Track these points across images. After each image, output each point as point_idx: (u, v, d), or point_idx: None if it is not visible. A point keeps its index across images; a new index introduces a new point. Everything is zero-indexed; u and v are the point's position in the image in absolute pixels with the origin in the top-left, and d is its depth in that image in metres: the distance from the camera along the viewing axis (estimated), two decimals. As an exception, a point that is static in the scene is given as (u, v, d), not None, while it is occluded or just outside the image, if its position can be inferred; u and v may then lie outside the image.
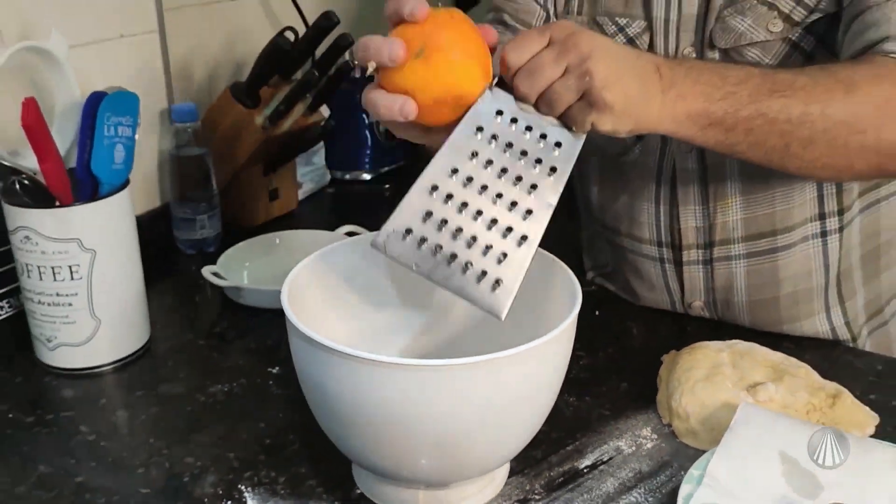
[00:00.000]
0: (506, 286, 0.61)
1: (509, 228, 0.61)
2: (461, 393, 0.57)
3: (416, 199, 0.62)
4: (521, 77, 0.61)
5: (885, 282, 0.94)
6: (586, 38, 0.60)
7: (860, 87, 0.67)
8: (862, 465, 0.66)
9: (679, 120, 0.65)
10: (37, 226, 0.77)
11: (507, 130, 0.62)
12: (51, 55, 0.83)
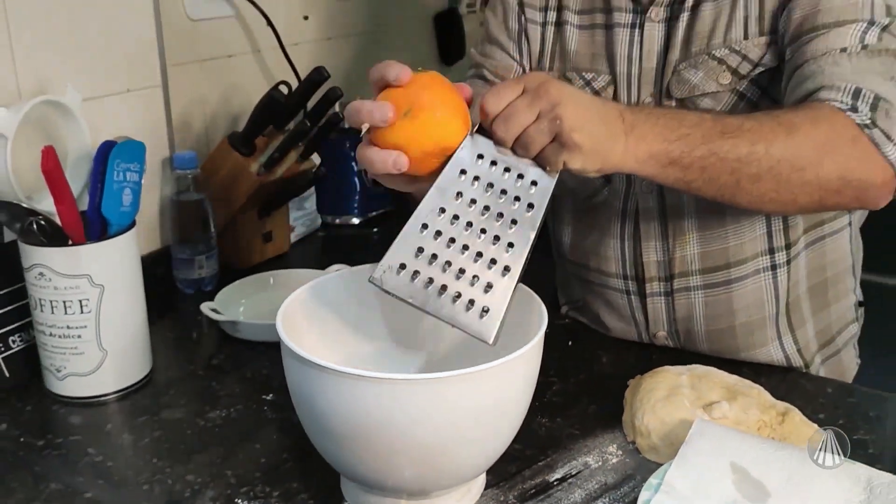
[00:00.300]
0: (493, 314, 0.67)
1: (493, 260, 0.68)
2: (438, 405, 0.64)
3: (409, 237, 0.69)
4: (498, 123, 0.68)
5: (835, 314, 1.02)
6: (556, 87, 0.68)
7: (800, 129, 0.76)
8: (806, 474, 0.73)
9: (641, 159, 0.73)
10: (50, 263, 0.84)
11: (487, 172, 0.70)
12: (66, 108, 0.91)
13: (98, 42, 1.04)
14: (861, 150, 0.75)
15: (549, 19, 1.01)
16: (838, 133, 0.75)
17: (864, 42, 0.80)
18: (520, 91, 0.68)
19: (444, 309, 0.68)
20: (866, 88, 0.77)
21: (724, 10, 0.89)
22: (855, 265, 1.04)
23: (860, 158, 0.75)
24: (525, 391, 0.70)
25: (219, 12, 1.34)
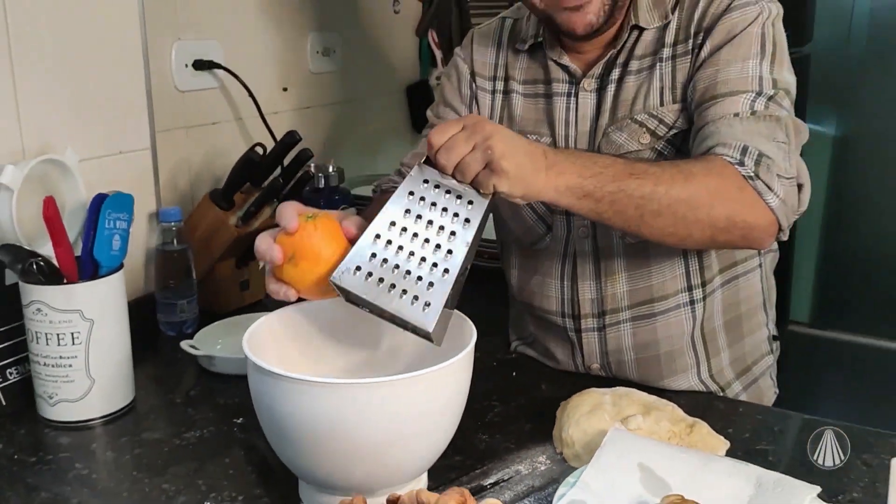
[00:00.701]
0: (433, 307, 0.79)
1: (434, 264, 0.81)
2: (377, 407, 0.74)
3: (364, 245, 0.81)
4: (441, 153, 0.81)
5: (749, 345, 1.14)
6: (489, 125, 0.81)
7: (696, 176, 0.89)
8: (704, 473, 0.83)
9: (560, 190, 0.85)
10: (47, 299, 0.96)
11: (431, 194, 0.82)
12: (65, 166, 1.04)
13: (94, 109, 1.18)
14: (746, 197, 0.88)
15: (498, 88, 1.15)
16: (727, 182, 0.88)
17: (752, 109, 0.94)
18: (459, 128, 0.81)
19: (392, 303, 0.80)
20: (752, 147, 0.90)
21: (644, 82, 1.04)
22: (766, 303, 1.16)
23: (745, 204, 0.88)
24: (455, 398, 0.81)
25: (204, 84, 1.49)
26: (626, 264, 1.07)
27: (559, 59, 1.07)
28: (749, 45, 0.96)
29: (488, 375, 1.14)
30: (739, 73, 0.95)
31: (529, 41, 1.11)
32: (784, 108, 0.94)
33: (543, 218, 1.10)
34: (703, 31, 0.99)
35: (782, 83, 0.95)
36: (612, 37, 1.05)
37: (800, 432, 1.02)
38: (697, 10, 1.00)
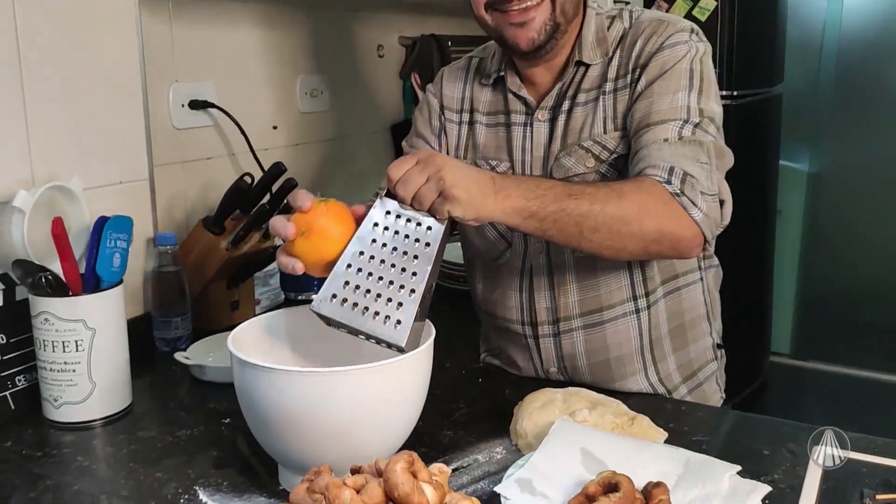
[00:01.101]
0: (403, 324, 0.90)
1: (402, 286, 0.91)
2: (348, 394, 0.85)
3: (338, 274, 0.92)
4: (399, 186, 0.92)
5: (694, 352, 1.24)
6: (440, 158, 0.93)
7: (627, 195, 1.00)
8: (639, 455, 0.93)
9: (507, 212, 0.96)
10: (54, 310, 1.07)
11: (394, 223, 0.94)
12: (71, 192, 1.16)
13: (98, 143, 1.30)
14: (673, 212, 1.00)
15: (464, 119, 1.28)
16: (656, 198, 1.00)
17: (680, 135, 1.06)
18: (413, 163, 0.93)
19: (367, 324, 0.91)
20: (678, 167, 1.02)
21: (589, 112, 1.16)
22: (710, 314, 1.27)
23: (672, 218, 1.00)
24: (415, 389, 0.92)
25: (200, 122, 1.62)
26: (577, 276, 1.18)
27: (518, 91, 1.20)
28: (679, 79, 1.08)
29: (457, 382, 1.25)
30: (670, 103, 1.07)
31: (493, 75, 1.23)
32: (709, 134, 1.06)
33: (504, 236, 1.21)
34: (639, 67, 1.12)
35: (708, 112, 1.08)
36: (560, 69, 1.17)
37: (733, 426, 1.12)
38: (635, 49, 1.13)
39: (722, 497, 0.87)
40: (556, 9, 1.11)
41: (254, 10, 1.72)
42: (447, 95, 1.29)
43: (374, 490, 0.70)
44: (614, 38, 1.17)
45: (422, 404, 0.94)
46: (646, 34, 1.14)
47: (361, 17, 2.07)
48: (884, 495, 0.91)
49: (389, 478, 0.70)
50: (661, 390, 1.21)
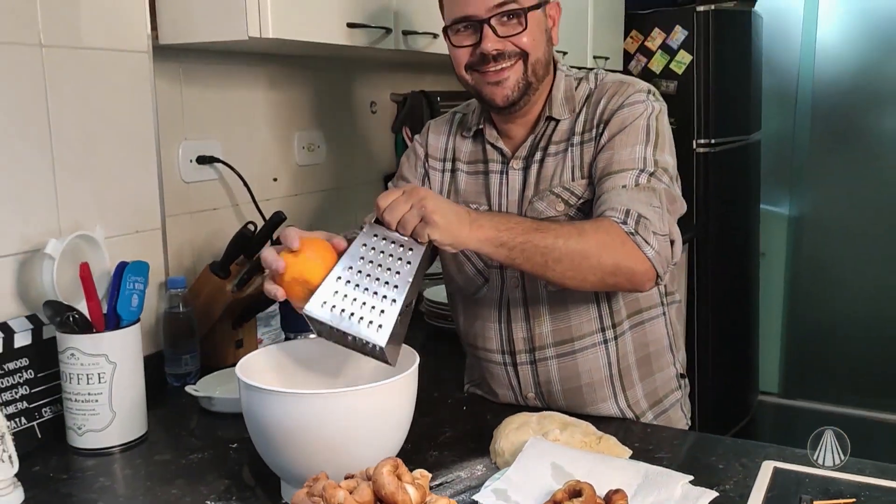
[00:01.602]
0: (384, 328, 1.02)
1: (384, 296, 1.04)
2: (342, 413, 0.97)
3: (329, 284, 1.05)
4: (386, 213, 1.05)
5: (659, 381, 1.36)
6: (423, 190, 1.06)
7: (587, 232, 1.13)
8: (602, 468, 1.05)
9: (480, 240, 1.09)
10: (79, 345, 1.19)
11: (380, 244, 1.07)
12: (94, 240, 1.29)
13: (116, 196, 1.43)
14: (628, 249, 1.13)
15: (447, 167, 1.42)
16: (613, 237, 1.13)
17: (636, 182, 1.19)
18: (399, 193, 1.06)
19: (352, 327, 1.03)
20: (634, 210, 1.15)
21: (559, 162, 1.30)
22: (673, 346, 1.39)
23: (627, 254, 1.13)
24: (401, 408, 1.03)
25: (206, 176, 1.75)
26: (550, 309, 1.31)
27: (495, 143, 1.34)
28: (637, 133, 1.22)
29: (443, 409, 1.37)
30: (629, 155, 1.21)
31: (474, 128, 1.37)
32: (662, 182, 1.20)
33: (481, 272, 1.34)
34: (603, 122, 1.26)
35: (662, 163, 1.21)
36: (533, 123, 1.31)
37: (693, 445, 1.23)
38: (599, 107, 1.27)
39: (674, 501, 0.99)
40: (528, 70, 1.25)
41: (256, 71, 1.87)
42: (432, 145, 1.43)
43: (365, 490, 0.82)
44: (581, 96, 1.31)
45: (409, 422, 1.06)
46: (609, 94, 1.28)
47: (355, 76, 2.23)
48: (820, 501, 1.02)
49: (377, 479, 0.82)
50: (629, 415, 1.32)
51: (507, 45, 1.24)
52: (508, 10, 1.23)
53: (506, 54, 1.24)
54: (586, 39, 2.86)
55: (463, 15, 1.25)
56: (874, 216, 3.86)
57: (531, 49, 1.25)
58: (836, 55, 3.84)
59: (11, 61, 1.26)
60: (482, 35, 1.23)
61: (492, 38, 1.23)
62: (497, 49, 1.23)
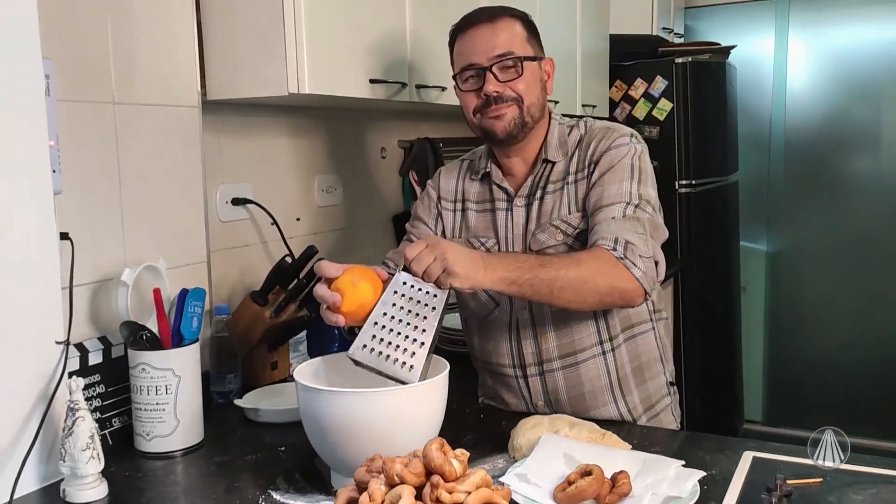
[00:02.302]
0: (415, 368, 1.21)
1: (414, 339, 1.23)
2: (385, 409, 1.15)
3: (368, 329, 1.23)
4: (413, 264, 1.24)
5: (652, 388, 1.55)
6: (444, 243, 1.25)
7: (584, 261, 1.33)
8: (607, 457, 1.23)
9: (494, 280, 1.28)
10: (150, 361, 1.36)
11: (409, 291, 1.25)
12: (157, 270, 1.47)
13: (171, 234, 1.62)
14: (619, 272, 1.33)
15: (458, 207, 1.61)
16: (605, 262, 1.33)
17: (624, 213, 1.39)
18: (424, 246, 1.25)
19: (388, 368, 1.21)
20: (622, 238, 1.35)
21: (557, 198, 1.50)
22: (663, 357, 1.58)
23: (619, 276, 1.33)
24: (435, 406, 1.21)
25: (239, 216, 1.94)
26: (555, 327, 1.50)
27: (501, 183, 1.54)
28: (622, 171, 1.43)
29: (463, 419, 1.54)
30: (616, 190, 1.41)
31: (481, 171, 1.58)
32: (646, 213, 1.40)
33: (493, 297, 1.54)
34: (593, 163, 1.47)
35: (645, 196, 1.42)
36: (532, 163, 1.52)
37: (684, 441, 1.42)
38: (589, 150, 1.48)
39: (669, 480, 1.17)
40: (523, 112, 1.47)
41: (280, 122, 2.08)
42: (444, 188, 1.63)
43: (417, 464, 1.00)
44: (573, 141, 1.52)
45: (441, 418, 1.24)
46: (597, 138, 1.49)
47: (366, 125, 2.44)
48: (792, 480, 1.21)
49: (427, 454, 1.00)
50: (627, 418, 1.51)
51: (506, 89, 1.45)
52: (507, 59, 1.44)
53: (504, 97, 1.45)
54: (575, 89, 3.09)
55: (469, 63, 1.47)
56: (845, 251, 4.09)
57: (525, 94, 1.46)
58: (806, 102, 4.12)
59: (90, 117, 1.46)
60: (485, 80, 1.45)
61: (493, 83, 1.45)
62: (497, 91, 1.45)
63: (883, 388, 4.03)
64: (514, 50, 1.45)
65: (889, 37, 3.93)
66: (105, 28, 1.48)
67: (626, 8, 3.60)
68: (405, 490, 0.97)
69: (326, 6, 1.66)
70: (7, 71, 1.21)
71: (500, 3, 1.56)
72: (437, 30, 1.96)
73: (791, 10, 4.10)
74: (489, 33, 1.46)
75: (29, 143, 1.25)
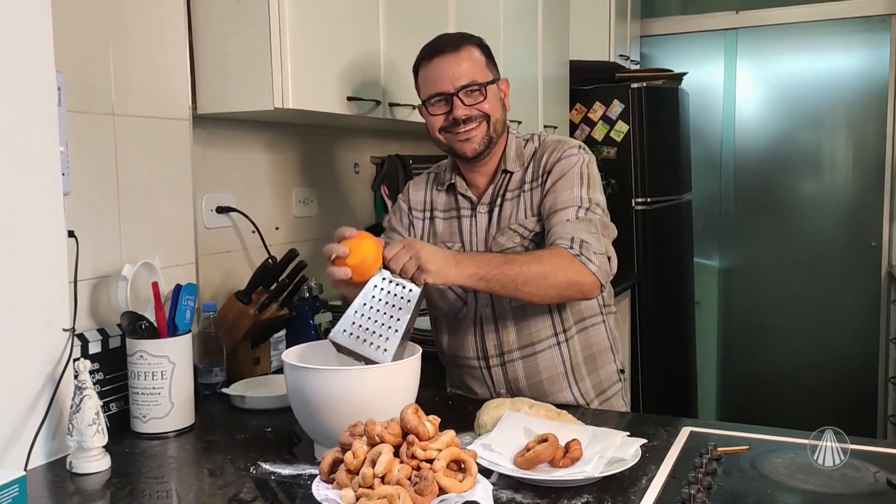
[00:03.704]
0: (388, 352, 1.35)
1: (389, 327, 1.37)
2: (365, 385, 1.29)
3: (349, 317, 1.38)
4: (391, 262, 1.39)
5: (603, 375, 1.72)
6: (419, 243, 1.40)
7: (544, 258, 1.49)
8: (561, 430, 1.38)
9: (465, 277, 1.44)
10: (146, 349, 1.49)
11: (387, 286, 1.40)
12: (153, 267, 1.61)
13: (163, 236, 1.75)
14: (576, 267, 1.49)
15: (426, 216, 1.77)
16: (563, 259, 1.49)
17: (577, 216, 1.56)
18: (401, 247, 1.40)
19: (365, 350, 1.36)
20: (577, 237, 1.52)
21: (515, 204, 1.66)
22: (613, 347, 1.75)
23: (576, 271, 1.49)
24: (409, 385, 1.36)
25: (223, 223, 2.08)
26: (514, 321, 1.66)
27: (465, 193, 1.71)
28: (573, 178, 1.60)
29: (433, 405, 1.68)
30: (569, 196, 1.58)
31: (447, 183, 1.74)
32: (596, 214, 1.57)
33: (461, 296, 1.69)
34: (546, 172, 1.63)
35: (594, 200, 1.59)
36: (492, 174, 1.69)
37: (631, 420, 1.58)
38: (543, 160, 1.65)
39: (615, 447, 1.33)
40: (490, 128, 1.63)
41: (263, 137, 2.22)
42: (413, 200, 1.79)
43: (395, 426, 1.15)
44: (529, 153, 1.69)
45: (414, 396, 1.38)
46: (549, 150, 1.66)
47: (341, 142, 2.59)
48: (722, 448, 1.37)
49: (403, 416, 1.15)
50: (581, 402, 1.67)
51: (473, 111, 1.62)
52: (472, 87, 1.61)
53: (472, 118, 1.62)
54: (537, 111, 3.28)
55: (436, 91, 1.63)
56: (793, 267, 4.33)
57: (491, 112, 1.63)
58: (754, 126, 4.37)
59: (91, 127, 1.59)
60: (453, 105, 1.61)
61: (461, 107, 1.61)
62: (465, 114, 1.61)
63: (829, 396, 4.26)
64: (476, 78, 1.61)
65: (829, 67, 4.20)
66: (107, 45, 1.62)
67: (585, 36, 3.81)
68: (384, 447, 1.12)
69: (309, 29, 1.82)
70: (25, 83, 1.35)
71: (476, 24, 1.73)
72: (408, 52, 2.13)
73: (739, 41, 4.36)
74: (453, 62, 1.62)
75: (42, 148, 1.38)
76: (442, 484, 1.09)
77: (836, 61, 4.19)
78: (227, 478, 1.32)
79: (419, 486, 1.08)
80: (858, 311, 4.22)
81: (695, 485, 1.20)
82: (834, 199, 4.24)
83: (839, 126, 4.23)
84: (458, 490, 1.10)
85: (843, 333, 4.26)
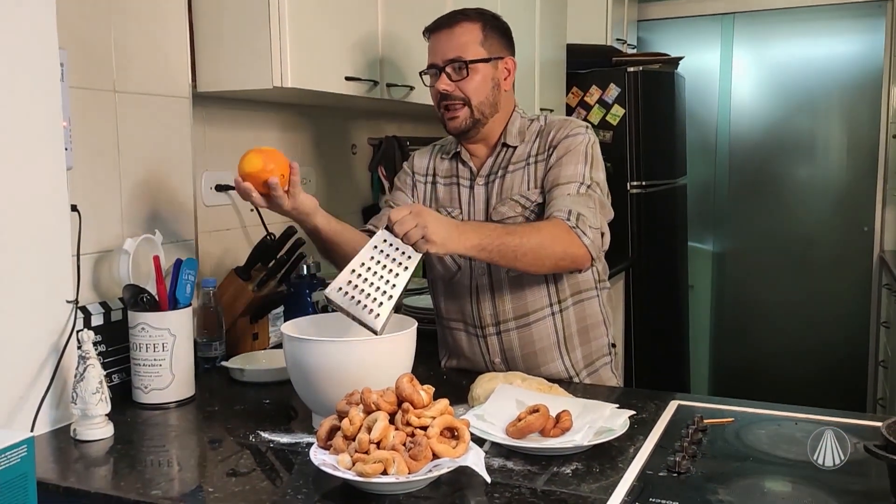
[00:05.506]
0: (381, 316, 1.38)
1: (384, 292, 1.40)
2: (360, 356, 1.33)
3: (345, 275, 1.40)
4: (396, 226, 1.41)
5: (594, 346, 1.76)
6: (427, 212, 1.42)
7: (542, 230, 1.53)
8: (553, 402, 1.42)
9: (466, 247, 1.46)
10: (148, 321, 1.53)
11: (387, 248, 1.42)
12: (154, 242, 1.64)
13: (163, 212, 1.78)
14: (572, 239, 1.52)
15: (428, 181, 1.81)
16: (560, 230, 1.53)
17: (578, 191, 1.60)
18: (408, 212, 1.42)
19: (358, 313, 1.38)
20: (575, 210, 1.55)
21: (517, 176, 1.70)
22: (606, 321, 1.78)
23: (571, 243, 1.52)
24: (404, 356, 1.39)
25: (222, 201, 2.10)
26: (510, 289, 1.69)
27: (467, 161, 1.74)
28: (578, 156, 1.63)
29: (429, 379, 1.70)
30: (572, 171, 1.61)
31: (452, 152, 1.77)
32: (596, 193, 1.60)
33: (456, 261, 1.73)
34: (552, 147, 1.67)
35: (595, 179, 1.62)
36: (493, 147, 1.73)
37: (621, 394, 1.62)
38: (549, 137, 1.68)
39: (604, 418, 1.36)
40: (473, 111, 1.67)
41: (260, 116, 2.25)
42: (417, 165, 1.83)
43: (390, 394, 1.18)
44: (534, 131, 1.72)
45: (409, 368, 1.42)
46: (556, 127, 1.69)
47: (339, 123, 2.62)
48: (708, 420, 1.41)
49: (399, 385, 1.19)
50: (571, 373, 1.71)
51: (455, 89, 1.66)
52: (456, 62, 1.64)
53: (453, 97, 1.66)
54: (534, 95, 3.31)
55: (430, 63, 1.69)
56: (786, 251, 4.37)
57: (473, 95, 1.66)
58: (749, 111, 4.39)
59: (93, 103, 1.62)
60: (440, 78, 1.65)
61: (444, 81, 1.66)
62: (445, 89, 1.66)
63: (820, 379, 4.31)
64: (462, 55, 1.65)
65: (825, 52, 4.22)
66: (109, 23, 1.65)
67: (582, 20, 3.83)
68: (380, 414, 1.16)
69: (307, 9, 1.84)
70: (29, 59, 1.37)
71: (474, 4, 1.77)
72: (407, 32, 2.16)
73: (735, 26, 4.38)
74: (446, 37, 1.67)
75: (46, 123, 1.41)
76: (435, 450, 1.13)
77: (832, 46, 4.21)
78: (227, 445, 1.36)
79: (413, 452, 1.11)
80: (850, 295, 4.26)
81: (680, 453, 1.24)
82: (827, 185, 4.28)
83: (833, 111, 4.26)
84: (452, 455, 1.14)
85: (835, 317, 4.30)
